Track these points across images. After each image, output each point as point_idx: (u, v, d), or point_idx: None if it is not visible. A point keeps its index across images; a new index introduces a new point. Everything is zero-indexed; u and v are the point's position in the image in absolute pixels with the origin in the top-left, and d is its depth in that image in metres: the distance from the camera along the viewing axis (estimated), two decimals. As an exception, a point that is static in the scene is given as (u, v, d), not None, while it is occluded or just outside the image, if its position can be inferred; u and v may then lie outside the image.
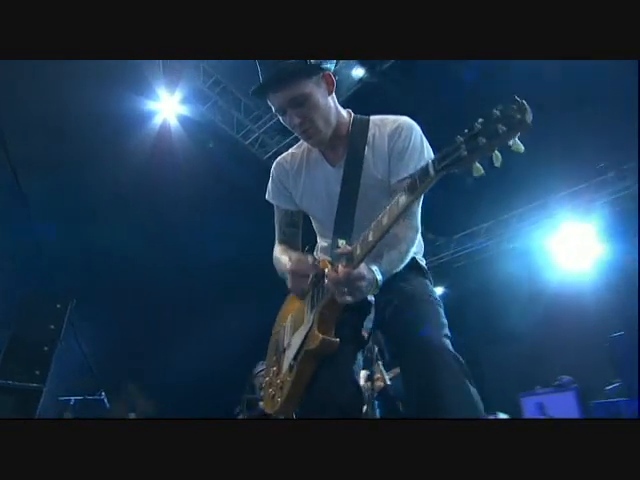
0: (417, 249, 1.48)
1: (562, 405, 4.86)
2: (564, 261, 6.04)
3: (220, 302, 5.49)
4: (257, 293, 5.06)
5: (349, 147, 1.47)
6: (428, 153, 1.42)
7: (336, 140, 1.48)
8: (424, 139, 1.45)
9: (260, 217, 5.27)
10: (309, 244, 1.72)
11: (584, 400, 4.79)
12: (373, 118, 1.51)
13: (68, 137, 4.41)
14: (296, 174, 1.58)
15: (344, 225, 1.45)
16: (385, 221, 1.11)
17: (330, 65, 1.42)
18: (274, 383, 1.44)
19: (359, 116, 1.53)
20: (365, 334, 1.42)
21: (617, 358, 4.97)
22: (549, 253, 6.15)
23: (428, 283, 1.49)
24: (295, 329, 1.43)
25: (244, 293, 5.50)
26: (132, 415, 4.81)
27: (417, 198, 1.05)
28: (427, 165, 0.99)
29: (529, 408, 5.10)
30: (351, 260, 1.16)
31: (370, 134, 1.47)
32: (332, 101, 1.45)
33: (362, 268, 1.16)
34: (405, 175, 1.33)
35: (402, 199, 1.06)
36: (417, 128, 1.46)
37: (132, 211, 4.71)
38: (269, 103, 1.42)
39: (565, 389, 4.95)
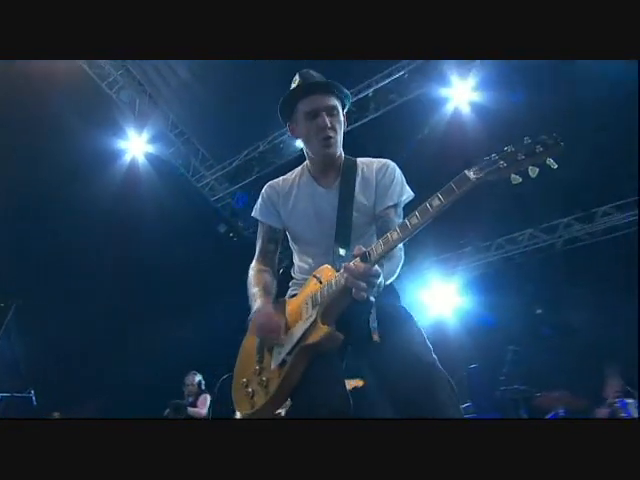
0: None
1: (433, 419, 5.90)
2: (433, 310, 7.68)
3: (160, 311, 5.88)
4: (198, 306, 5.61)
5: (342, 174, 1.58)
6: (407, 189, 1.57)
7: (330, 167, 1.60)
8: (403, 178, 1.60)
9: (203, 240, 6.06)
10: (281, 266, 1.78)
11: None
12: (359, 159, 1.65)
13: (40, 164, 4.83)
14: (287, 194, 1.64)
15: (343, 237, 1.48)
16: (414, 221, 1.14)
17: (348, 104, 1.61)
18: (254, 382, 1.39)
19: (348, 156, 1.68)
20: (375, 336, 1.32)
21: (471, 384, 6.38)
22: (422, 303, 7.76)
23: (407, 308, 1.51)
24: (287, 328, 1.39)
25: (184, 305, 5.96)
26: (56, 414, 4.72)
27: (449, 203, 1.08)
28: (464, 174, 1.08)
29: (408, 421, 6.10)
30: (367, 259, 1.18)
31: (359, 169, 1.59)
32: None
33: (377, 267, 1.19)
34: (390, 204, 1.51)
35: (435, 202, 1.10)
36: (398, 169, 1.61)
37: (90, 225, 5.12)
38: (303, 105, 1.51)
39: (435, 407, 6.04)
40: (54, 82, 4.64)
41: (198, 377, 5.23)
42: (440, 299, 7.66)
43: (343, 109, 1.58)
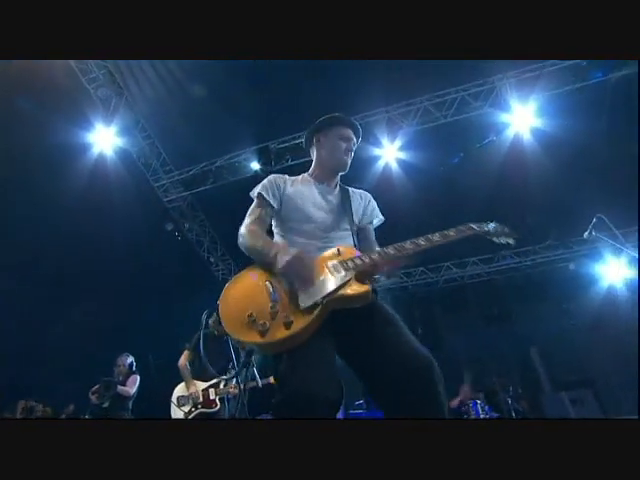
0: None
1: (332, 412, 6.70)
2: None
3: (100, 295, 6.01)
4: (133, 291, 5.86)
5: (340, 186, 1.92)
6: (380, 215, 1.97)
7: (332, 178, 1.91)
8: None
9: (149, 234, 6.47)
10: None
11: (346, 410, 6.85)
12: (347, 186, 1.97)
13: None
14: (292, 183, 1.87)
15: (348, 228, 1.77)
16: (436, 239, 1.54)
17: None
18: (267, 317, 1.38)
19: None
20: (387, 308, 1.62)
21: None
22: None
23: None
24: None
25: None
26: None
27: (456, 239, 1.55)
28: (469, 225, 1.62)
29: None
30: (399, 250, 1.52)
31: (349, 190, 1.93)
32: None
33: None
34: (374, 220, 1.92)
35: (451, 233, 1.56)
36: None
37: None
38: (338, 130, 1.87)
39: (336, 402, 6.86)
40: (34, 72, 4.79)
41: (130, 359, 5.41)
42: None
43: None
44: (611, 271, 7.53)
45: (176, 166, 6.80)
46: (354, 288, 1.44)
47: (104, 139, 6.02)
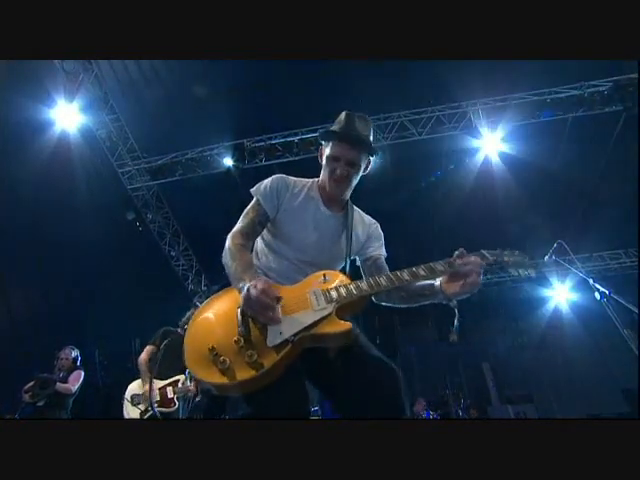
0: None
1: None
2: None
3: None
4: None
5: (346, 209, 1.71)
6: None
7: (337, 201, 1.68)
8: None
9: (108, 222, 6.08)
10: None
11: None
12: (355, 207, 1.77)
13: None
14: (294, 195, 1.65)
15: (347, 255, 1.63)
16: (440, 268, 1.36)
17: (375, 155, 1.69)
18: (231, 353, 1.22)
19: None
20: None
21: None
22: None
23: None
24: (288, 312, 1.29)
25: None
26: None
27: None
28: (482, 252, 1.40)
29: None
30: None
31: (355, 214, 1.74)
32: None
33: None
34: (383, 253, 1.72)
35: (458, 262, 1.35)
36: None
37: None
38: (329, 147, 1.60)
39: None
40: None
41: (75, 352, 4.93)
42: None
43: (367, 157, 1.66)
44: (557, 294, 8.04)
45: (143, 153, 6.41)
46: (333, 325, 1.25)
47: (66, 116, 5.51)
